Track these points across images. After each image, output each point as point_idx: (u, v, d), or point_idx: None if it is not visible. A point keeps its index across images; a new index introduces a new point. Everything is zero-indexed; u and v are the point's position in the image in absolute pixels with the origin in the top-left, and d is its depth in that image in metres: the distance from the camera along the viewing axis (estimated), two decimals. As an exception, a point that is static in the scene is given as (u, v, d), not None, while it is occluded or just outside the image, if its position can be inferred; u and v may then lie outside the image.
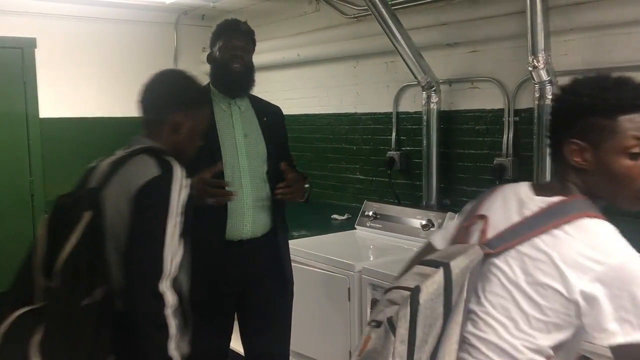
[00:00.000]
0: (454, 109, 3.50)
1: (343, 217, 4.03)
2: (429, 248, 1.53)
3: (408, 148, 3.80)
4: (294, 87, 4.69)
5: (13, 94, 4.63)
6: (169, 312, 1.53)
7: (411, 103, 3.77)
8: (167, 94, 1.79)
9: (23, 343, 1.42)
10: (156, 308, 1.52)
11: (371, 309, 2.83)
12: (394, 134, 3.87)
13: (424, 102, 3.48)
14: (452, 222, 1.50)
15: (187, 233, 1.63)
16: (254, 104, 2.55)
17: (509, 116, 3.21)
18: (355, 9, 3.97)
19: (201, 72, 5.39)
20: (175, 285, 1.58)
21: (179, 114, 1.76)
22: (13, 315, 1.48)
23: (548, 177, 2.90)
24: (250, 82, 2.49)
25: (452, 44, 3.45)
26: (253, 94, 2.60)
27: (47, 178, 4.79)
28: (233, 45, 2.42)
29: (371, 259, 3.20)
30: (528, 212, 1.31)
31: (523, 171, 3.14)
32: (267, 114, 2.56)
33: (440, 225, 3.23)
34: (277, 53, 4.60)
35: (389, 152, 3.85)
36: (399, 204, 3.69)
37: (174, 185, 1.57)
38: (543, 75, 2.82)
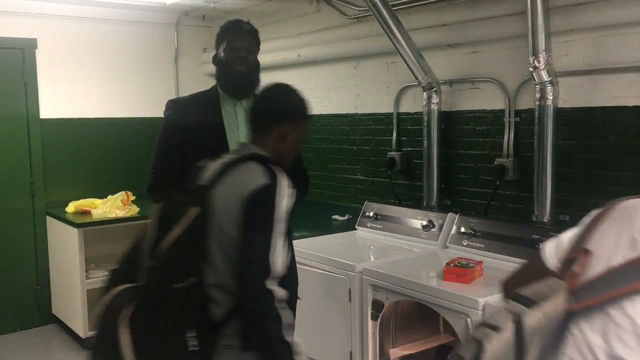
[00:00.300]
0: (455, 110, 3.50)
1: (344, 218, 4.03)
2: (537, 264, 1.31)
3: (409, 148, 3.80)
4: (295, 88, 4.69)
5: (14, 95, 4.64)
6: (279, 305, 1.69)
7: (412, 103, 3.77)
8: (277, 106, 1.94)
9: (115, 315, 1.59)
10: (267, 303, 1.67)
11: (372, 309, 2.82)
12: (394, 135, 3.87)
13: (424, 102, 3.48)
14: (568, 232, 1.29)
15: (289, 236, 1.79)
16: None
17: (509, 117, 3.21)
18: (355, 9, 3.97)
19: (201, 73, 5.41)
20: (284, 282, 1.75)
21: (286, 125, 1.90)
22: (115, 290, 1.66)
23: (549, 179, 2.90)
24: (254, 82, 2.48)
25: (452, 44, 3.45)
26: None
27: (48, 179, 4.79)
28: (237, 46, 2.43)
29: (372, 259, 3.20)
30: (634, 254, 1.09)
31: (524, 172, 3.14)
32: None
33: (440, 227, 3.23)
34: (277, 54, 4.60)
35: (390, 153, 3.85)
36: (399, 204, 3.69)
37: (281, 193, 1.74)
38: (544, 75, 2.82)
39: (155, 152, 2.45)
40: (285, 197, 1.75)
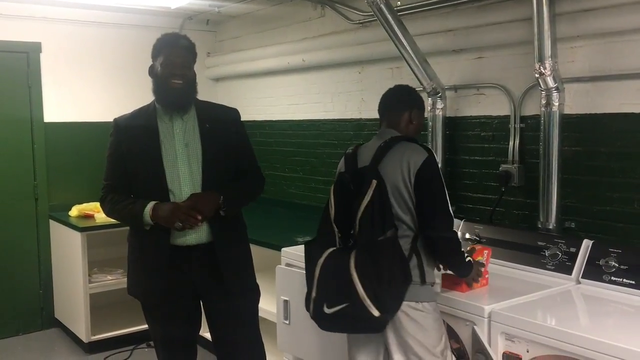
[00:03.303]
0: (460, 115, 3.49)
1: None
2: None
3: (413, 154, 3.78)
4: (299, 93, 4.69)
5: (18, 98, 4.64)
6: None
7: (416, 109, 3.76)
8: (407, 97, 2.50)
9: (344, 263, 2.14)
10: (457, 239, 2.31)
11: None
12: (399, 140, 3.85)
13: (429, 108, 3.47)
14: None
15: None
16: (199, 111, 2.58)
17: (515, 123, 3.20)
18: (360, 14, 3.96)
19: (205, 77, 5.42)
20: None
21: (414, 110, 2.47)
22: (326, 253, 2.24)
23: (555, 185, 2.88)
24: (190, 99, 2.55)
25: (458, 50, 3.44)
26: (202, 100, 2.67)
27: (51, 182, 4.79)
28: (173, 62, 2.47)
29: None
30: None
31: (529, 178, 3.13)
32: (212, 120, 2.58)
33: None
34: (281, 58, 4.60)
35: (394, 158, 3.83)
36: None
37: (437, 163, 2.31)
38: (550, 82, 2.81)
39: (105, 168, 2.60)
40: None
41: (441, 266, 2.34)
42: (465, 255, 2.38)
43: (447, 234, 2.27)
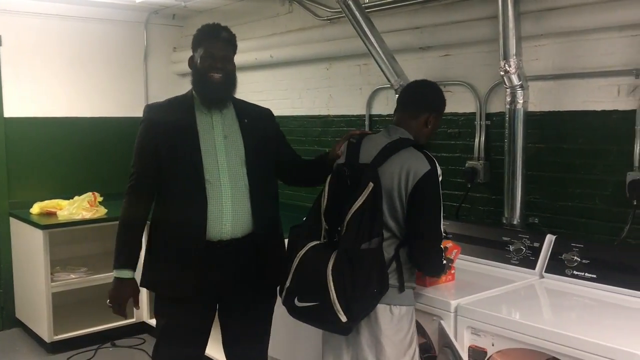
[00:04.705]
0: (427, 112, 3.51)
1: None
2: None
3: (381, 151, 3.80)
4: (266, 89, 4.66)
5: (-24, 93, 4.51)
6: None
7: (384, 106, 3.78)
8: (429, 97, 2.38)
9: (322, 262, 2.09)
10: (441, 256, 2.29)
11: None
12: (366, 137, 3.87)
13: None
14: None
15: None
16: (236, 106, 2.56)
17: (480, 120, 3.24)
18: (328, 11, 3.96)
19: (171, 72, 5.35)
20: None
21: (433, 114, 2.35)
22: (308, 245, 2.20)
23: (519, 182, 2.93)
24: (229, 93, 2.50)
25: (425, 47, 3.47)
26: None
27: (12, 179, 4.67)
28: (213, 55, 2.41)
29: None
30: None
31: (494, 175, 3.17)
32: (250, 115, 2.56)
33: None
34: (249, 54, 4.56)
35: (362, 155, 3.85)
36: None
37: (438, 176, 2.21)
38: (514, 79, 2.85)
39: (134, 156, 2.49)
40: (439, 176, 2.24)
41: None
42: (443, 260, 2.35)
43: (433, 251, 2.23)
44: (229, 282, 2.45)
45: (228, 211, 2.39)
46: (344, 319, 2.06)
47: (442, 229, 2.24)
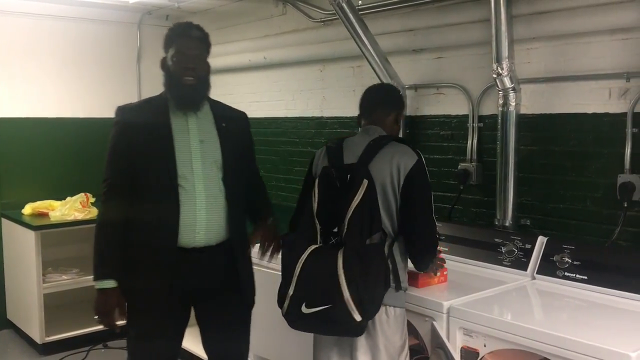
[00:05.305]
0: (420, 114, 3.54)
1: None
2: None
3: (374, 152, 3.81)
4: (260, 90, 4.67)
5: (-32, 93, 4.49)
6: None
7: (377, 108, 3.79)
8: (395, 96, 2.52)
9: (330, 263, 2.07)
10: (437, 245, 2.35)
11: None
12: (359, 138, 3.88)
13: (390, 107, 3.50)
14: None
15: None
16: (213, 109, 2.48)
17: (473, 122, 3.26)
18: (322, 12, 3.97)
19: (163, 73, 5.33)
20: None
21: (400, 112, 2.47)
22: (309, 249, 2.15)
23: (511, 184, 2.95)
24: (203, 95, 2.41)
25: (418, 49, 3.48)
26: (214, 97, 2.54)
27: (3, 180, 4.64)
28: (186, 55, 2.33)
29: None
30: None
31: (487, 177, 3.19)
32: (227, 119, 2.48)
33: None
34: (243, 55, 4.57)
35: (355, 156, 3.85)
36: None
37: (425, 166, 2.27)
38: (507, 82, 2.87)
39: (107, 160, 2.40)
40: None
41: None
42: (438, 246, 2.42)
43: (430, 239, 2.28)
44: (203, 289, 2.40)
45: (202, 218, 2.32)
46: (358, 317, 2.04)
47: (434, 218, 2.27)
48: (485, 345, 2.20)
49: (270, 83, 4.58)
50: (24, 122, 4.71)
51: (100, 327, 2.45)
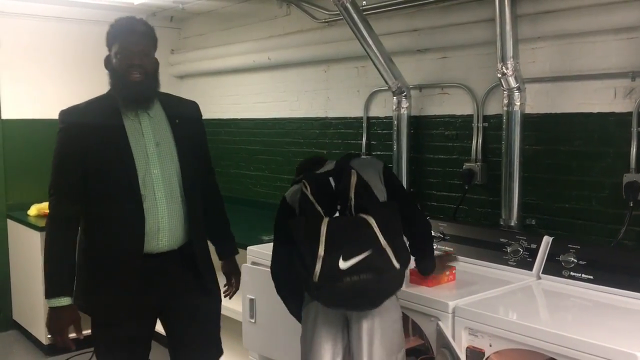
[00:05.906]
0: (424, 114, 3.53)
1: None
2: None
3: (378, 153, 3.81)
4: (264, 91, 4.67)
5: (-26, 94, 4.51)
6: None
7: (382, 108, 3.79)
8: None
9: (357, 218, 2.10)
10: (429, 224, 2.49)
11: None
12: (364, 139, 3.88)
13: (394, 107, 3.50)
14: None
15: None
16: (165, 105, 2.37)
17: (478, 122, 3.25)
18: (326, 13, 3.97)
19: (169, 75, 5.35)
20: None
21: None
22: (326, 218, 2.10)
23: (516, 183, 2.95)
24: (152, 93, 2.30)
25: (422, 49, 3.48)
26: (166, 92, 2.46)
27: (9, 181, 4.67)
28: (130, 52, 2.22)
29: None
30: None
31: (492, 176, 3.19)
32: (179, 115, 2.38)
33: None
34: (247, 56, 4.57)
35: (360, 157, 3.86)
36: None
37: None
38: (512, 82, 2.86)
39: (53, 171, 2.26)
40: None
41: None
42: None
43: (424, 218, 2.48)
44: (168, 292, 2.35)
45: (164, 225, 2.26)
46: (397, 265, 2.03)
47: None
48: (490, 345, 2.20)
49: (274, 84, 4.59)
50: (29, 123, 4.73)
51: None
